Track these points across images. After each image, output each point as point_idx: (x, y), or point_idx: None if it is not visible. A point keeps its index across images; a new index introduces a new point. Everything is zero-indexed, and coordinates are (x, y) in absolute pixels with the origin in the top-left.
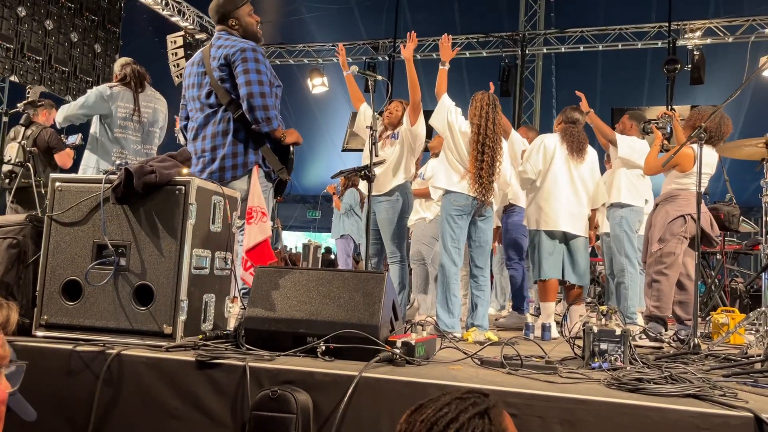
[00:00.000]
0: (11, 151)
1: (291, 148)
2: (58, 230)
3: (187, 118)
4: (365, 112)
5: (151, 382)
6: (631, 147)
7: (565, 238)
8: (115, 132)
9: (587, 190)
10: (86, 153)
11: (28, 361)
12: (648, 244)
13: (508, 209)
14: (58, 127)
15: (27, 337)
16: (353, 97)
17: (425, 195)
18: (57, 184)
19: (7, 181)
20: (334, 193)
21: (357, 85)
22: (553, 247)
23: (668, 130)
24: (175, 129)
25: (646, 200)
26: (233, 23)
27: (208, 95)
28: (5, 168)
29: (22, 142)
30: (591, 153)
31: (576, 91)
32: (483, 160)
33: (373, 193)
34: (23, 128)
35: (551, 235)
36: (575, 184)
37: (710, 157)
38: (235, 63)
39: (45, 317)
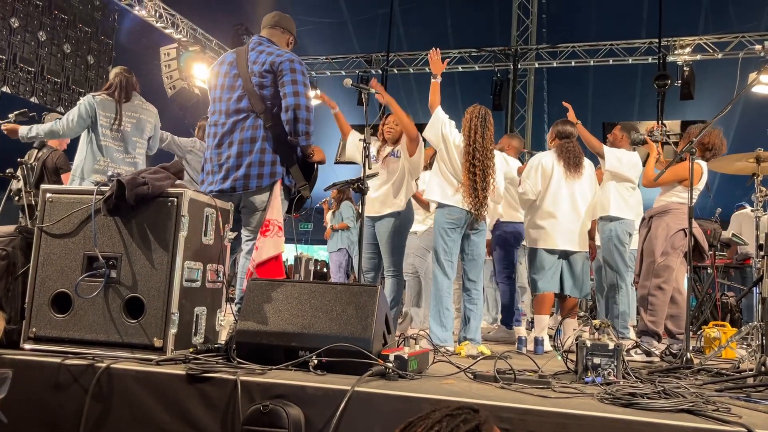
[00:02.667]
0: (26, 174)
1: (315, 166)
2: (48, 242)
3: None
4: (353, 141)
5: (141, 396)
6: (619, 159)
7: (565, 255)
8: (100, 141)
9: (587, 205)
10: (75, 161)
11: (12, 369)
12: (642, 258)
13: (496, 224)
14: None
15: (15, 350)
16: (343, 133)
17: (425, 203)
18: (48, 195)
19: (16, 198)
20: (328, 209)
21: (345, 120)
22: (551, 263)
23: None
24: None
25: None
26: (289, 39)
27: (239, 99)
28: (15, 186)
29: (33, 163)
30: (588, 166)
31: (563, 102)
32: (475, 173)
33: (375, 214)
34: (36, 150)
35: (550, 252)
36: (575, 200)
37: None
38: (282, 72)
39: (33, 330)
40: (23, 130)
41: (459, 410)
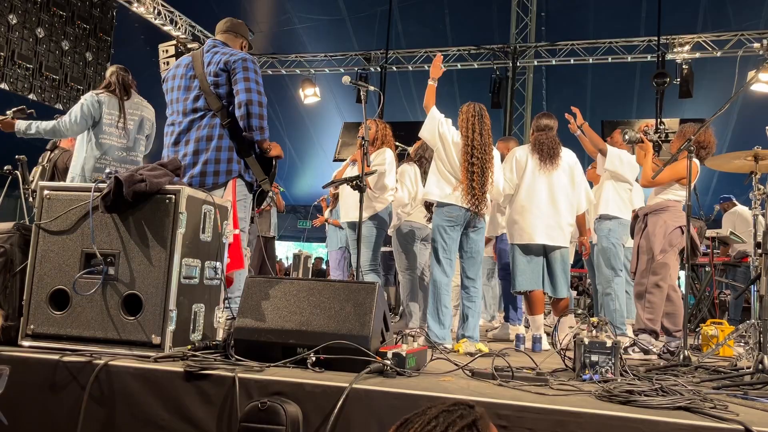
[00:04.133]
0: (36, 173)
1: (273, 161)
2: (46, 239)
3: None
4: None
5: (139, 393)
6: (620, 159)
7: (545, 251)
8: (101, 138)
9: (567, 197)
10: (74, 160)
11: (10, 366)
12: (638, 255)
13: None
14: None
15: (13, 347)
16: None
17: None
18: (45, 192)
19: (31, 199)
20: (326, 207)
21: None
22: (530, 260)
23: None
24: None
25: None
26: (243, 43)
27: (196, 99)
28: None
29: (45, 164)
30: (566, 156)
31: (571, 107)
32: (473, 171)
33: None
34: (48, 152)
35: (527, 248)
36: (553, 192)
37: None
38: (235, 70)
39: (31, 327)
40: (21, 125)
41: (455, 406)
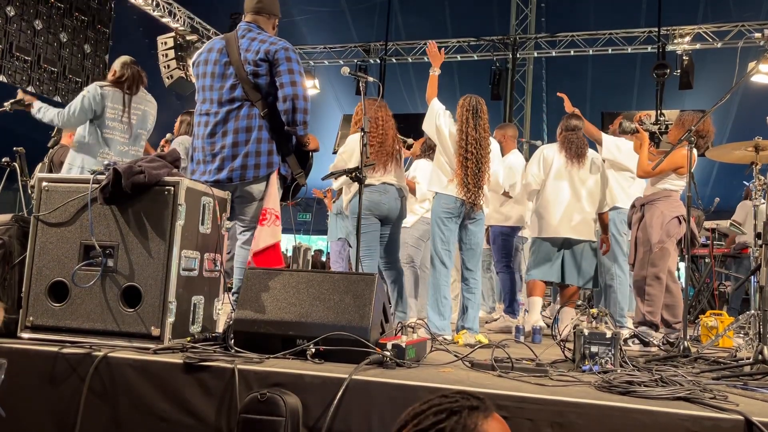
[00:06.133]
0: (37, 170)
1: (311, 154)
2: (45, 231)
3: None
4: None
5: (139, 385)
6: (618, 147)
7: (569, 244)
8: (104, 133)
9: (591, 194)
10: (71, 153)
11: (8, 359)
12: (636, 246)
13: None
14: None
15: (12, 338)
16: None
17: (412, 188)
18: (44, 184)
19: (30, 191)
20: (324, 197)
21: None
22: (552, 253)
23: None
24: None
25: None
26: (275, 23)
27: (233, 88)
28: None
29: (46, 160)
30: (592, 156)
31: (558, 93)
32: (467, 165)
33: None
34: (51, 149)
35: (552, 242)
36: (577, 190)
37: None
38: (279, 60)
39: (31, 319)
40: (36, 105)
41: (457, 395)
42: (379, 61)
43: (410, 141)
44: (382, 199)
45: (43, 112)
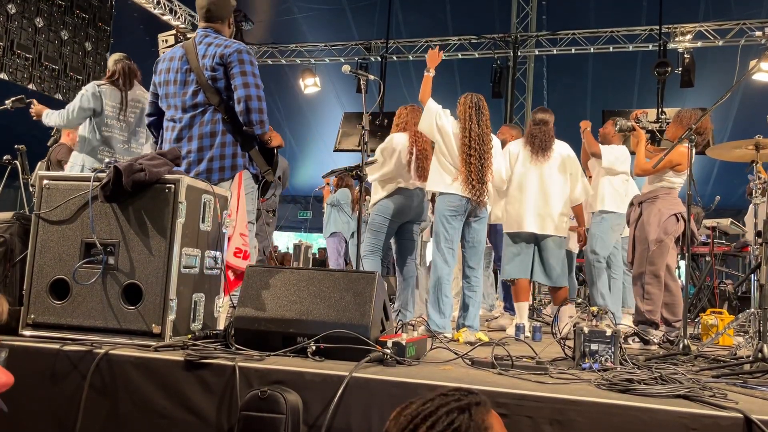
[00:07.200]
0: (40, 167)
1: (275, 151)
2: (46, 228)
3: (156, 113)
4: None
5: (140, 382)
6: (615, 155)
7: (536, 240)
8: (103, 131)
9: (559, 188)
10: (73, 153)
11: (8, 350)
12: (634, 244)
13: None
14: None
15: (13, 336)
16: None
17: None
18: (45, 182)
19: (30, 189)
20: (323, 187)
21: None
22: (520, 249)
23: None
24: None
25: None
26: (229, 22)
27: (195, 94)
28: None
29: (46, 159)
30: (559, 149)
31: (581, 123)
32: (471, 162)
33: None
34: (50, 148)
35: (517, 236)
36: (544, 184)
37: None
38: (231, 63)
39: (32, 316)
40: (44, 113)
41: (455, 391)
42: (380, 59)
43: None
44: (411, 204)
45: (50, 117)
